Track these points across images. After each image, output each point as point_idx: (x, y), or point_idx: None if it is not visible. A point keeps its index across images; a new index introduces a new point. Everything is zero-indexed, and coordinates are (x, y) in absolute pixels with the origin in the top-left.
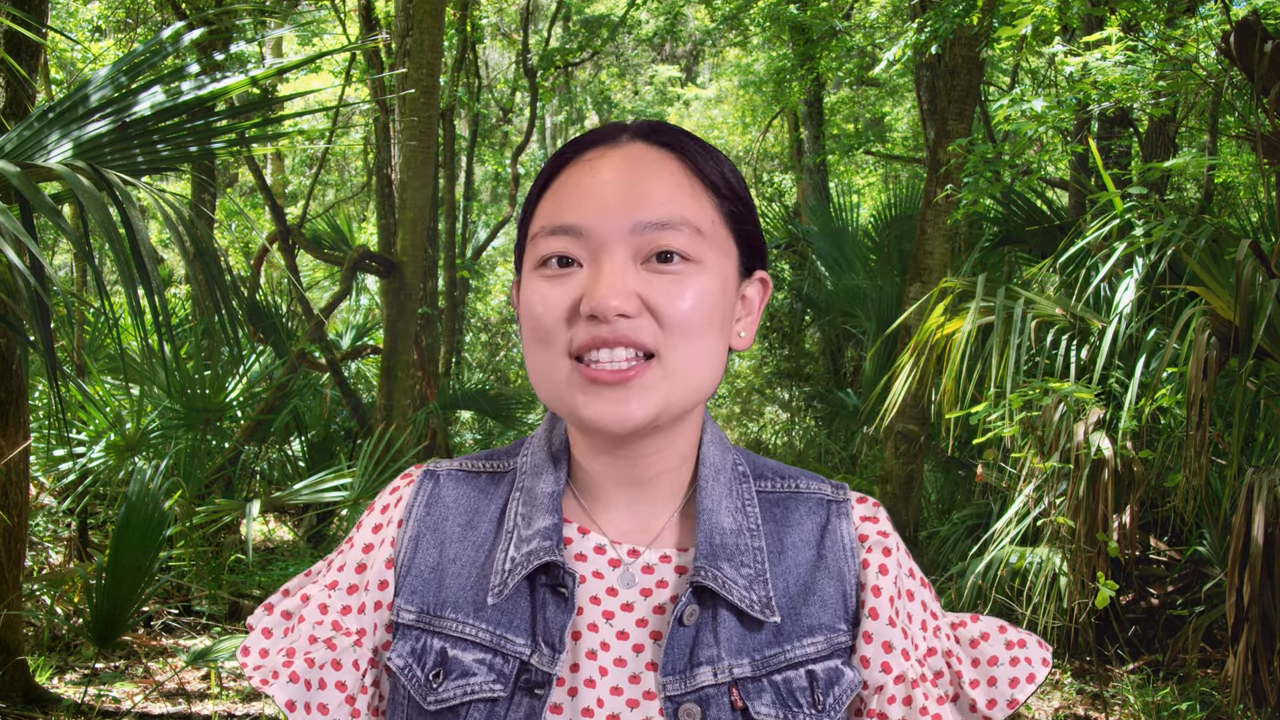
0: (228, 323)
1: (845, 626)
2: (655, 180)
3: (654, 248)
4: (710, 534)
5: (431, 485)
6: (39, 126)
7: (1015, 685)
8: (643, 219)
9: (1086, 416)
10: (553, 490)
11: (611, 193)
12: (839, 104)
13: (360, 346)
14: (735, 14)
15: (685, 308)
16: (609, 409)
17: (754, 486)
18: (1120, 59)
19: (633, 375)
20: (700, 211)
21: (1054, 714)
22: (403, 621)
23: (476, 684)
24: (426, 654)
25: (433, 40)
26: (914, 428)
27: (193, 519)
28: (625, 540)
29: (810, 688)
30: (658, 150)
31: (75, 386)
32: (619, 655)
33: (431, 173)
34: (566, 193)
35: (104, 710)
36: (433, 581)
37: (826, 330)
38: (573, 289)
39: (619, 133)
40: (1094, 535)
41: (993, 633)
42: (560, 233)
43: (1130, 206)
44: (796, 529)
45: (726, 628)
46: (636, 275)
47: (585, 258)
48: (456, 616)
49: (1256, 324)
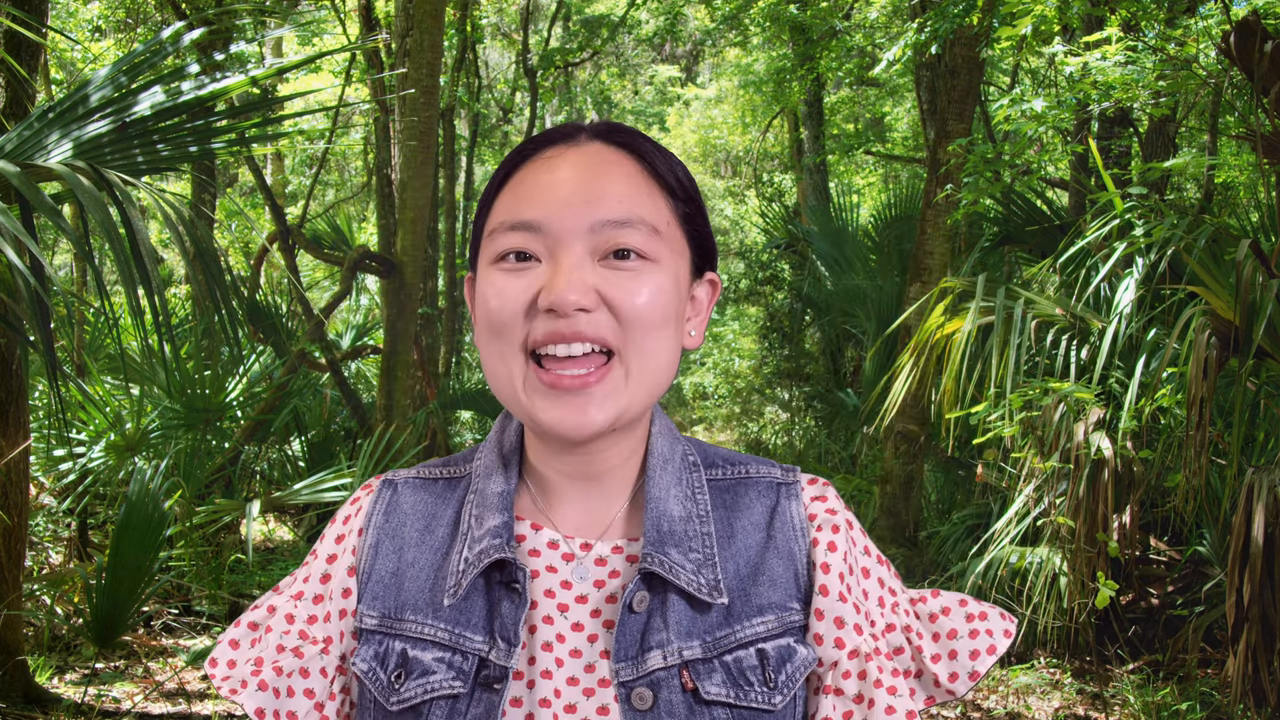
0: (228, 323)
1: (798, 605)
2: (613, 179)
3: (612, 245)
4: (658, 521)
5: (390, 494)
6: (39, 126)
7: (976, 657)
8: (601, 216)
9: (1086, 416)
10: (503, 489)
11: (570, 190)
12: (839, 104)
13: (360, 346)
14: (735, 14)
15: (642, 303)
16: (568, 415)
17: (704, 475)
18: (1120, 59)
19: (593, 381)
20: (656, 211)
21: (1054, 714)
22: (365, 627)
23: (437, 682)
24: (389, 656)
25: (433, 40)
26: (914, 428)
27: (193, 519)
28: (578, 534)
29: (761, 666)
30: (615, 150)
31: (75, 386)
32: (574, 646)
33: (431, 173)
34: (525, 189)
35: (104, 710)
36: (392, 587)
37: (826, 330)
38: (531, 283)
39: (577, 132)
40: (1094, 535)
41: (953, 607)
42: (519, 228)
43: (1130, 206)
44: (746, 513)
45: (676, 612)
46: (594, 271)
47: (543, 253)
48: (416, 618)
49: (1256, 324)
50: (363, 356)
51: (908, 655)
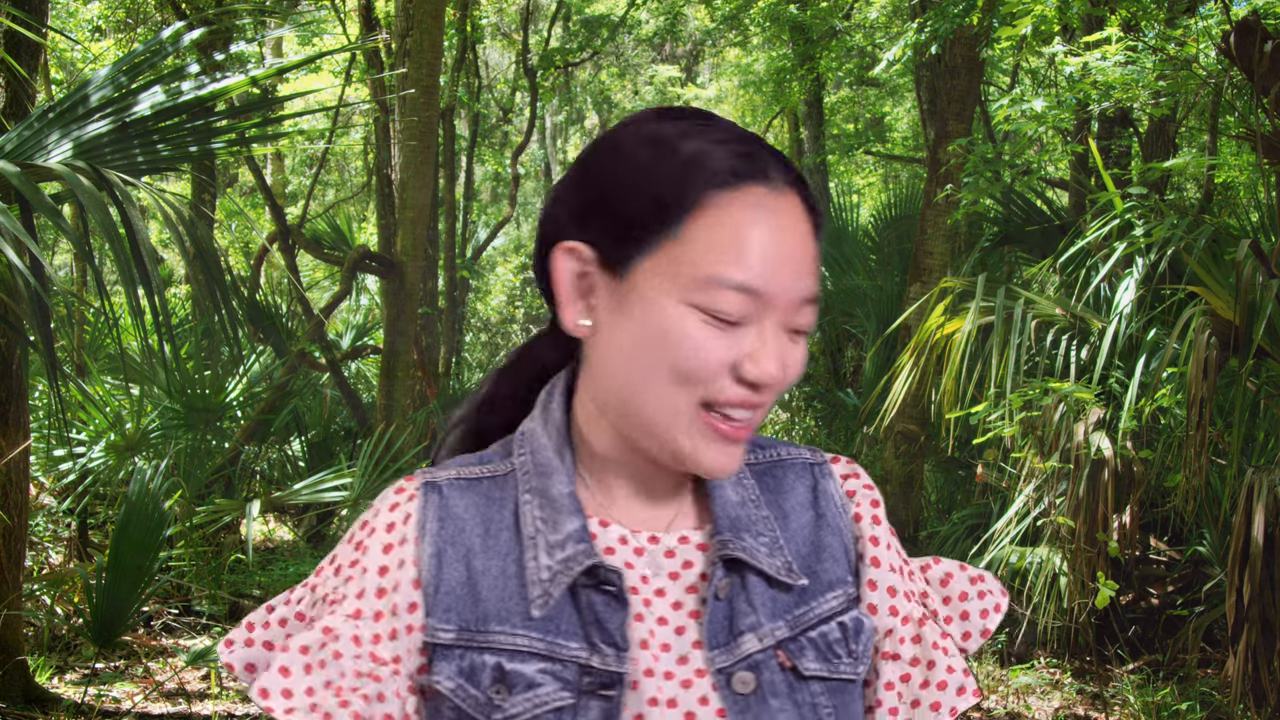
0: (228, 323)
1: (851, 579)
2: (810, 249)
3: (800, 323)
4: (725, 508)
5: (437, 498)
6: (39, 126)
7: (985, 616)
8: (805, 294)
9: (1086, 416)
10: (568, 490)
11: (794, 263)
12: (839, 104)
13: (360, 346)
14: (735, 14)
15: (797, 375)
16: (728, 462)
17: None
18: (1120, 59)
19: (747, 430)
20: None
21: (1054, 714)
22: (441, 642)
23: (546, 694)
24: (479, 671)
25: (433, 40)
26: (914, 428)
27: (193, 519)
28: (642, 528)
29: (844, 639)
30: (804, 209)
31: (75, 386)
32: (664, 640)
33: (431, 173)
34: (749, 245)
35: (104, 710)
36: (466, 597)
37: (826, 330)
38: (733, 344)
39: (772, 170)
40: (1094, 535)
41: (955, 571)
42: (743, 291)
43: (1130, 206)
44: (791, 494)
45: (759, 595)
46: (783, 344)
47: (751, 318)
48: (503, 629)
49: (1256, 324)
50: (363, 356)
51: (929, 623)
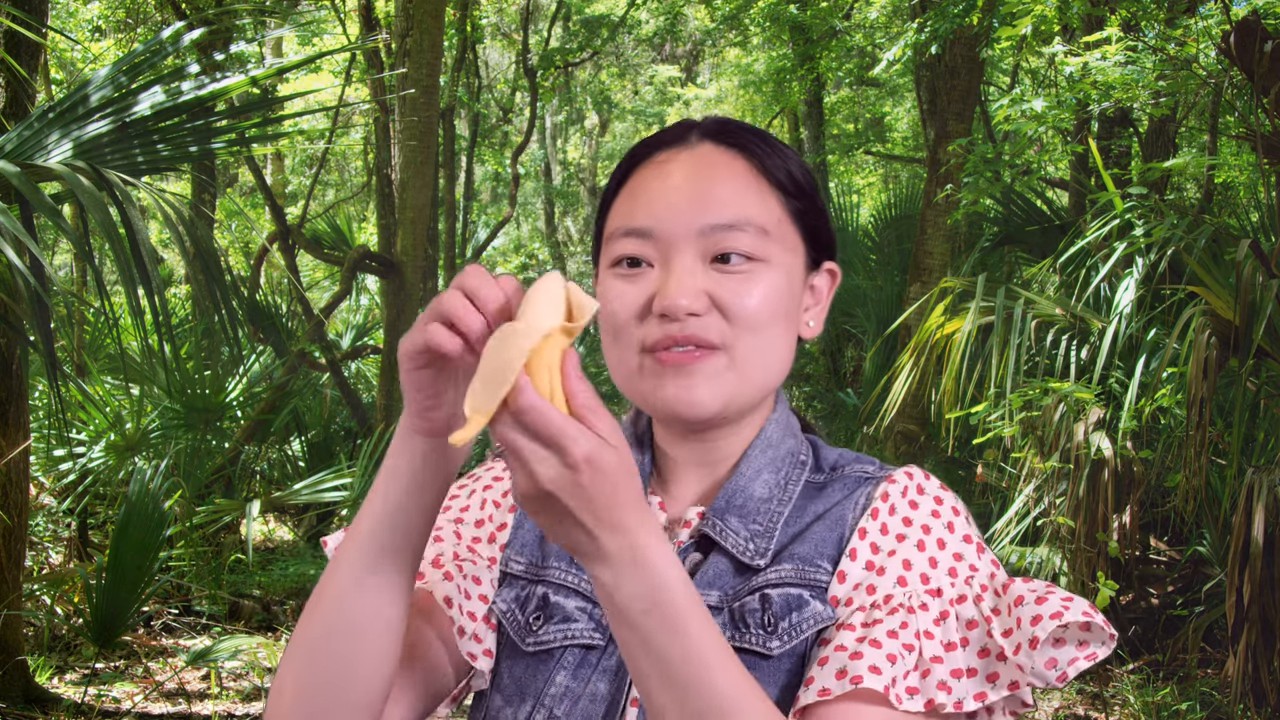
0: (228, 323)
1: (828, 565)
2: (722, 183)
3: (720, 248)
4: (731, 495)
5: None
6: (39, 126)
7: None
8: (709, 221)
9: (1086, 416)
10: (639, 463)
11: (680, 196)
12: (839, 104)
13: (360, 346)
14: (735, 14)
15: (752, 305)
16: (679, 393)
17: (806, 475)
18: (1120, 59)
19: (698, 358)
20: (766, 211)
21: (1054, 714)
22: (511, 571)
23: (578, 630)
24: (529, 600)
25: (433, 40)
26: (914, 428)
27: (193, 519)
28: (678, 504)
29: (761, 610)
30: (725, 151)
31: (75, 386)
32: None
33: (431, 173)
34: (638, 195)
35: (104, 710)
36: (536, 546)
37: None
38: (644, 288)
39: (688, 132)
40: (1094, 535)
41: (1032, 591)
42: (633, 235)
43: (1130, 206)
44: (823, 501)
45: (714, 569)
46: (705, 275)
47: (656, 258)
48: (560, 565)
49: (1256, 324)
50: (363, 356)
51: (981, 630)
